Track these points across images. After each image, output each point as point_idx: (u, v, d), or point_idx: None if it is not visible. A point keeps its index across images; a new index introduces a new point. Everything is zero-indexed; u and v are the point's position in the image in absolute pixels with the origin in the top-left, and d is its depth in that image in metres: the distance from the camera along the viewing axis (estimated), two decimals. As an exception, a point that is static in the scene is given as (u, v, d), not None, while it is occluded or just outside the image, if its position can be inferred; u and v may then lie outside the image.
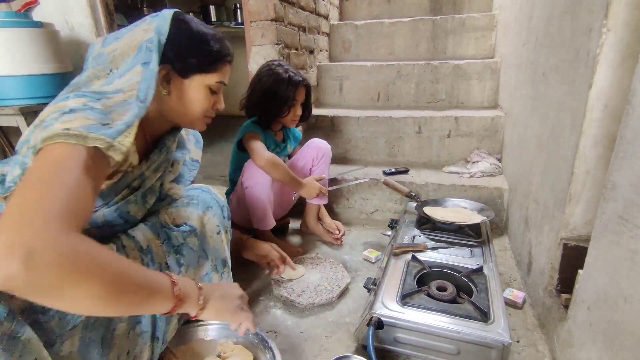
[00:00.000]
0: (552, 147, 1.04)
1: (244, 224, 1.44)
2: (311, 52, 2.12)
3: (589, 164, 0.85)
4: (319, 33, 2.24)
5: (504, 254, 1.41)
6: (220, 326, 0.95)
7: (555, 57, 1.07)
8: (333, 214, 1.75)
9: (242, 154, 1.35)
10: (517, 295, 1.13)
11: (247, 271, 1.34)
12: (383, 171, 1.74)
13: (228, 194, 1.45)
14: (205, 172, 2.26)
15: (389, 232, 1.46)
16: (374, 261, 1.37)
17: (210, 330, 0.95)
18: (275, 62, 1.34)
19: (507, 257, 1.39)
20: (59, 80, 1.72)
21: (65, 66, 1.76)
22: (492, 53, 2.19)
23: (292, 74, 1.30)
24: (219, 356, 0.89)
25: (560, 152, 0.97)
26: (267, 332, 0.93)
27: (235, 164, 1.41)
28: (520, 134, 1.43)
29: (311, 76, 2.11)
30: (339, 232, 1.51)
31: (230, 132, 3.45)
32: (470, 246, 1.19)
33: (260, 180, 1.28)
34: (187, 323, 0.95)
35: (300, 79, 1.32)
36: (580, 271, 0.80)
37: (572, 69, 0.93)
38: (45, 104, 0.61)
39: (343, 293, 1.19)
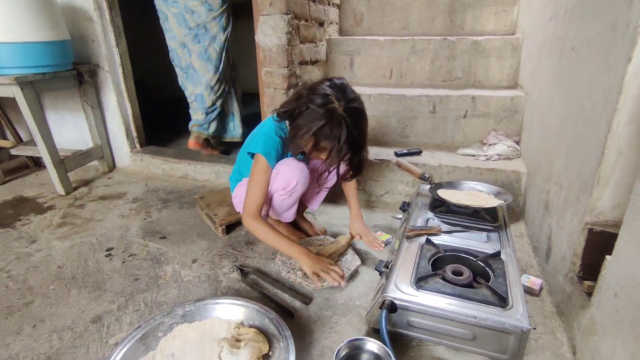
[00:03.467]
0: (579, 127, 1.01)
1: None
2: (321, 24, 2.06)
3: (622, 144, 0.82)
4: (329, 4, 2.16)
5: (520, 240, 1.39)
6: (239, 306, 0.96)
7: (587, 30, 1.02)
8: (342, 196, 1.70)
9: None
10: (534, 282, 1.12)
11: (254, 250, 1.35)
12: (395, 152, 1.71)
13: (233, 180, 1.38)
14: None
15: (400, 215, 1.46)
16: (384, 244, 1.35)
17: (228, 309, 0.96)
18: (338, 81, 1.03)
19: (524, 243, 1.38)
20: (56, 49, 1.68)
21: (63, 34, 1.72)
22: (513, 29, 2.12)
23: (337, 109, 0.97)
24: (233, 337, 0.89)
25: (589, 131, 0.94)
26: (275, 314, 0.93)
27: (244, 164, 1.28)
28: (543, 114, 1.39)
29: (320, 50, 2.06)
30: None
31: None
32: (487, 230, 1.18)
33: (295, 190, 1.16)
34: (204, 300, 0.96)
35: (344, 132, 0.97)
36: (607, 257, 0.78)
37: (607, 42, 0.89)
38: (42, 74, 0.53)
39: (353, 276, 1.19)
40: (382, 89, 1.90)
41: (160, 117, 3.04)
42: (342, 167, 1.19)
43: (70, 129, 2.13)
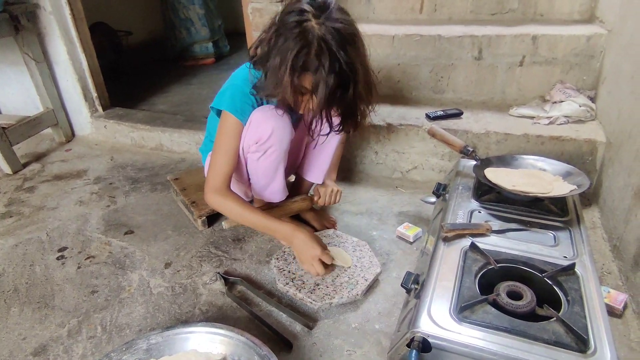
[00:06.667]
0: None
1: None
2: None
3: None
4: None
5: (592, 234, 1.23)
6: (220, 336, 0.88)
7: None
8: (355, 172, 1.63)
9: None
10: (615, 297, 0.98)
11: (243, 249, 1.24)
12: (426, 114, 1.56)
13: (204, 151, 1.27)
14: (188, 111, 2.13)
15: (433, 199, 1.33)
16: (412, 240, 1.26)
17: (206, 341, 0.89)
18: None
19: (597, 237, 1.23)
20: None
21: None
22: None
23: (313, 27, 0.84)
24: None
25: None
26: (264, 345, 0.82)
27: (215, 128, 1.15)
28: (638, 59, 1.16)
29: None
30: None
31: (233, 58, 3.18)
32: (553, 229, 1.01)
33: (271, 143, 1.04)
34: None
35: (324, 48, 0.84)
36: None
37: None
38: None
39: (371, 287, 1.08)
40: (410, 27, 1.69)
41: (132, 68, 2.89)
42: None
43: (14, 89, 1.99)
